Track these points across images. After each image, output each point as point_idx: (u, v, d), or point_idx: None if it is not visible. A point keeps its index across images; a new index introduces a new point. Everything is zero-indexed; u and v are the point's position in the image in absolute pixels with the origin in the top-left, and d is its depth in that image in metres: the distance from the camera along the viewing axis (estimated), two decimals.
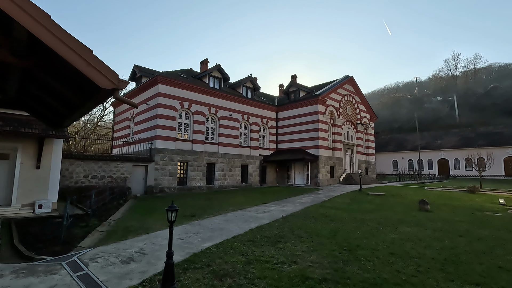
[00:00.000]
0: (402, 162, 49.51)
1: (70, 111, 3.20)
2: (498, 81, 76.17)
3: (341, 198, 15.07)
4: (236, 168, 23.51)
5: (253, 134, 25.46)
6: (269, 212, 10.49)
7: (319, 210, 11.06)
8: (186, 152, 20.19)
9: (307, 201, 13.72)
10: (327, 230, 7.73)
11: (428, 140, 48.34)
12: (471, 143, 43.46)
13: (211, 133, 22.54)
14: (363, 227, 8.27)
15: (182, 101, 20.48)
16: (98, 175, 15.85)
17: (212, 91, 22.43)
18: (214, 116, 22.75)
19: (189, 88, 20.96)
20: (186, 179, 20.21)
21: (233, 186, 22.91)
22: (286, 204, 12.47)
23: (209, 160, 21.59)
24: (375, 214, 10.40)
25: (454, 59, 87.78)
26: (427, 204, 11.79)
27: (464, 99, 73.19)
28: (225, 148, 22.91)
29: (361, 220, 9.30)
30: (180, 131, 20.60)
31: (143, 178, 18.12)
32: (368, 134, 31.19)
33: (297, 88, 27.16)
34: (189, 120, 21.13)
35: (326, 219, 9.35)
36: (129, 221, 8.89)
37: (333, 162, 25.31)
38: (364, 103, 31.02)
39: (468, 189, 19.08)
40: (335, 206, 12.05)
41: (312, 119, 24.47)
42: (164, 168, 18.81)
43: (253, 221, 8.73)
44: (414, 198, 15.81)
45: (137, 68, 23.22)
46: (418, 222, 9.15)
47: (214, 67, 23.43)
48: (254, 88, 26.52)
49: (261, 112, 26.42)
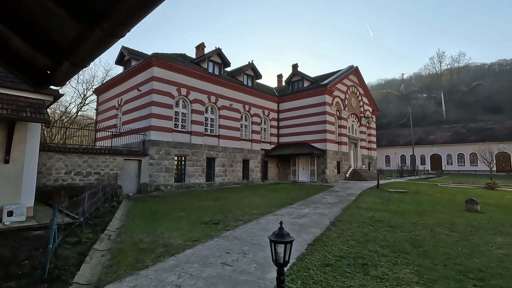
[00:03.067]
0: (395, 157, 49.28)
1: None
2: (479, 80, 78.29)
3: (367, 197, 13.44)
4: (237, 163, 21.43)
5: (254, 126, 23.41)
6: (306, 216, 8.58)
7: (361, 213, 9.29)
8: (184, 145, 17.85)
9: (335, 201, 11.94)
10: (405, 242, 5.94)
11: (421, 136, 48.27)
12: (463, 139, 43.65)
13: (210, 124, 20.27)
14: (441, 236, 6.56)
15: (180, 88, 18.05)
16: (83, 171, 13.29)
17: (212, 78, 20.10)
18: (214, 105, 20.46)
19: (187, 73, 18.54)
20: (184, 175, 17.91)
21: (234, 183, 20.83)
22: (316, 206, 10.61)
23: (209, 154, 19.36)
24: (428, 217, 8.75)
25: (439, 57, 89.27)
26: (477, 204, 10.35)
27: (449, 96, 74.64)
28: (226, 141, 20.74)
29: (423, 225, 7.61)
30: (178, 121, 18.19)
31: (135, 175, 15.66)
32: (370, 128, 30.00)
33: (301, 77, 25.30)
34: (187, 109, 18.74)
35: (382, 225, 7.57)
36: (135, 233, 6.68)
37: (340, 157, 23.79)
38: (368, 95, 29.74)
39: (487, 185, 18.10)
40: (372, 207, 10.34)
41: (319, 111, 22.74)
42: (160, 163, 16.42)
43: (301, 231, 6.78)
44: (442, 196, 14.49)
45: (125, 49, 20.43)
46: (493, 227, 7.57)
47: (213, 51, 21.06)
48: (256, 76, 24.39)
49: (262, 102, 24.38)
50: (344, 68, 27.00)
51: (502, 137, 40.01)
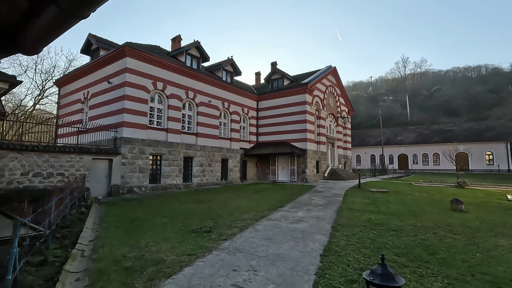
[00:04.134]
0: (365, 157, 51.03)
1: None
2: (438, 85, 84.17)
3: (353, 197, 13.29)
4: (216, 162, 20.48)
5: (233, 124, 22.59)
6: (304, 221, 8.04)
7: (356, 215, 8.97)
8: (160, 143, 16.57)
9: (324, 202, 11.58)
10: (417, 249, 5.60)
11: (389, 136, 50.47)
12: (427, 140, 46.33)
13: (188, 122, 19.11)
14: (447, 239, 6.35)
15: (156, 81, 16.71)
16: (44, 172, 11.64)
17: (191, 72, 18.95)
18: (192, 101, 19.32)
19: (164, 66, 17.23)
20: (159, 176, 16.63)
21: (213, 184, 19.87)
22: (308, 208, 10.14)
23: (187, 153, 18.21)
24: (423, 219, 8.65)
25: (404, 62, 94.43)
26: (462, 204, 10.54)
27: (413, 99, 79.21)
28: (204, 139, 19.70)
29: (423, 228, 7.42)
30: (153, 118, 16.84)
31: (105, 176, 14.16)
32: (346, 128, 30.50)
33: (281, 75, 24.91)
34: (163, 105, 17.43)
35: (384, 228, 7.25)
36: (114, 246, 5.66)
37: (319, 156, 23.78)
38: (344, 96, 30.19)
39: (458, 184, 19.01)
40: (364, 209, 10.10)
41: (299, 110, 22.50)
42: (134, 162, 15.03)
43: (306, 239, 6.20)
44: (421, 195, 14.82)
45: (93, 37, 18.52)
46: (489, 228, 7.58)
47: (192, 44, 19.87)
48: (235, 72, 23.55)
49: (242, 100, 23.61)
50: (323, 68, 27.10)
51: (462, 138, 43.03)
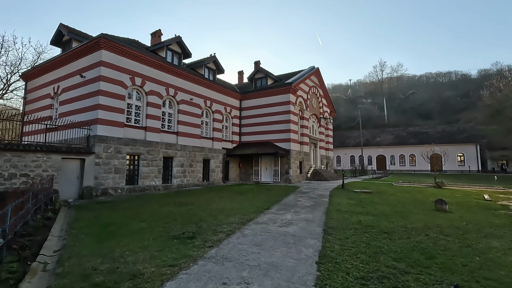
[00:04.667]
0: (345, 157, 51.91)
1: None
2: (413, 89, 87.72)
3: (338, 198, 13.12)
4: (198, 163, 19.74)
5: (216, 123, 21.93)
6: (293, 224, 7.64)
7: (345, 217, 8.71)
8: (138, 142, 15.65)
9: (311, 204, 11.29)
10: (414, 253, 5.36)
11: (368, 138, 51.67)
12: (404, 141, 47.87)
13: (168, 120, 18.25)
14: (440, 242, 6.18)
15: (134, 76, 15.77)
16: (5, 173, 10.50)
17: (171, 68, 18.11)
18: (173, 99, 18.49)
19: (143, 61, 16.32)
20: (137, 176, 15.70)
21: (194, 185, 19.13)
22: (296, 210, 9.77)
23: (166, 153, 17.37)
24: (411, 220, 8.53)
25: (381, 66, 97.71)
26: (445, 204, 10.62)
27: (389, 102, 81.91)
28: (185, 139, 18.91)
29: (414, 230, 7.25)
30: (130, 115, 15.87)
31: (77, 177, 13.09)
32: (328, 129, 30.70)
33: (264, 74, 24.55)
34: (141, 101, 16.50)
35: (376, 231, 7.01)
36: (84, 257, 4.96)
37: (302, 157, 23.65)
38: (326, 97, 30.37)
39: (436, 184, 19.50)
40: (351, 210, 9.89)
41: (283, 110, 22.25)
42: (109, 162, 14.04)
43: (298, 244, 5.80)
44: (403, 195, 14.96)
45: (64, 28, 17.22)
46: (477, 229, 7.56)
47: (173, 39, 19.03)
48: (218, 70, 22.90)
49: (225, 99, 23.01)
50: (306, 69, 27.06)
51: (436, 140, 44.74)
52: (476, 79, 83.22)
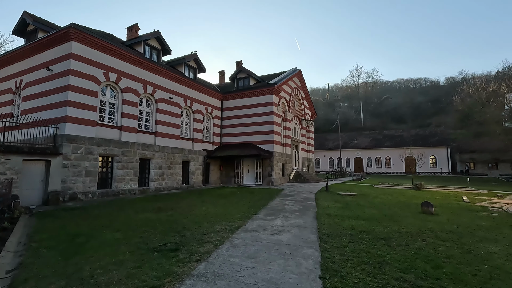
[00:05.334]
0: (324, 159, 52.55)
1: None
2: (387, 94, 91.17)
3: (325, 201, 12.82)
4: (177, 165, 18.77)
5: (196, 124, 21.06)
6: (285, 231, 7.12)
7: (336, 221, 8.33)
8: (112, 142, 14.50)
9: (299, 207, 10.86)
10: (418, 261, 5.03)
11: (346, 140, 52.67)
12: (380, 144, 49.28)
13: (146, 119, 17.18)
14: (440, 248, 5.92)
15: (108, 72, 14.62)
16: None
17: (150, 64, 17.09)
18: (151, 97, 17.45)
19: (119, 55, 15.21)
20: (110, 180, 14.53)
21: (173, 188, 18.14)
22: (285, 215, 9.27)
23: (144, 155, 16.30)
24: (403, 224, 8.31)
25: (357, 71, 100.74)
26: (432, 207, 10.61)
27: (365, 106, 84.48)
28: (164, 139, 17.91)
29: (409, 235, 7.00)
30: (104, 113, 14.68)
31: (41, 180, 11.79)
32: (309, 131, 30.71)
33: (247, 74, 24.02)
34: (116, 99, 15.35)
35: (372, 237, 6.67)
36: (44, 279, 4.13)
37: (284, 159, 23.34)
38: (308, 99, 30.39)
39: (415, 186, 19.90)
40: (341, 214, 9.56)
41: (266, 111, 21.82)
42: (78, 164, 12.82)
43: (295, 254, 5.28)
44: (387, 197, 14.99)
45: (29, 16, 15.67)
46: (470, 232, 7.45)
47: (151, 34, 18.00)
48: (199, 68, 22.06)
49: (205, 98, 22.20)
50: (289, 70, 26.88)
51: (410, 143, 46.41)
52: (444, 86, 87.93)
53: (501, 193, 18.05)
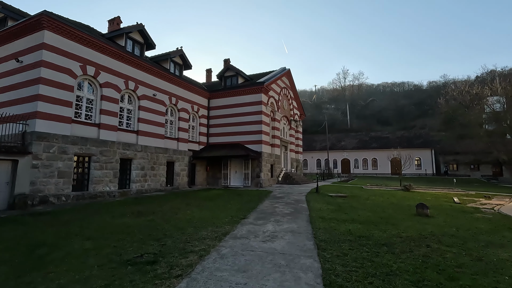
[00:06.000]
0: (311, 161, 52.42)
1: None
2: (372, 96, 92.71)
3: (316, 203, 12.28)
4: (160, 166, 17.81)
5: (181, 123, 20.15)
6: (278, 237, 6.47)
7: (332, 225, 7.77)
8: (89, 141, 13.44)
9: (290, 210, 10.24)
10: (429, 272, 4.50)
11: (333, 142, 52.76)
12: (367, 146, 49.63)
13: (127, 117, 16.16)
14: (447, 255, 5.44)
15: (85, 65, 13.57)
16: None
17: (132, 59, 16.10)
18: (133, 93, 16.45)
19: (98, 47, 14.17)
20: (87, 181, 13.46)
21: (156, 190, 17.16)
22: (276, 219, 8.61)
23: (124, 155, 15.29)
24: (401, 227, 7.87)
25: (344, 73, 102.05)
26: (427, 209, 10.26)
27: (351, 108, 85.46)
28: (147, 138, 16.93)
29: (411, 240, 6.52)
30: (80, 109, 13.61)
31: (6, 182, 10.65)
32: (298, 132, 30.31)
33: (235, 73, 23.30)
34: (95, 94, 14.30)
35: (373, 243, 6.13)
36: None
37: (273, 160, 22.75)
38: (297, 99, 29.98)
39: (404, 187, 19.76)
40: (335, 218, 9.01)
41: (255, 110, 21.18)
42: (51, 164, 11.73)
43: (292, 265, 4.63)
44: (378, 199, 14.67)
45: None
46: (472, 236, 7.06)
47: (134, 27, 17.02)
48: (185, 65, 21.17)
49: (192, 96, 21.32)
50: (277, 69, 26.37)
51: (395, 145, 46.94)
52: (427, 89, 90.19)
53: (488, 194, 18.15)
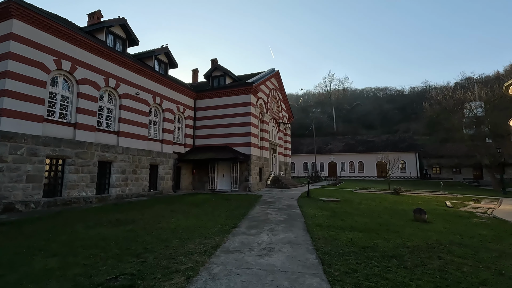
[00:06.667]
0: (299, 164, 52.15)
1: None
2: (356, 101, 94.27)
3: (309, 208, 11.68)
4: (143, 169, 16.74)
5: (166, 124, 19.14)
6: (275, 250, 5.76)
7: (331, 234, 7.15)
8: (64, 142, 12.29)
9: (284, 217, 9.56)
10: None
11: (320, 145, 52.77)
12: (353, 149, 49.91)
13: (107, 117, 15.06)
14: (465, 268, 4.92)
15: (60, 59, 12.45)
16: None
17: (113, 54, 15.05)
18: (114, 91, 15.38)
19: (75, 41, 13.08)
20: (61, 186, 12.28)
21: (138, 195, 16.08)
22: (270, 228, 7.90)
23: (103, 157, 14.17)
24: (403, 235, 7.37)
25: (330, 78, 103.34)
26: (425, 214, 9.86)
27: (337, 112, 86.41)
28: (129, 140, 15.86)
29: (419, 250, 6.00)
30: (54, 107, 12.44)
31: None
32: (286, 135, 29.82)
33: (223, 72, 22.54)
34: (71, 91, 13.16)
35: (380, 255, 5.53)
36: None
37: (262, 163, 22.08)
38: (285, 101, 29.52)
39: (394, 191, 19.56)
40: (332, 225, 8.41)
41: (243, 111, 20.47)
42: (18, 168, 10.54)
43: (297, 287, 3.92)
44: (371, 203, 14.28)
45: None
46: (479, 243, 6.62)
47: (116, 20, 15.97)
48: (170, 64, 20.21)
49: (177, 96, 20.37)
50: (266, 70, 25.81)
51: (381, 148, 47.42)
52: (409, 94, 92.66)
53: (477, 197, 18.22)
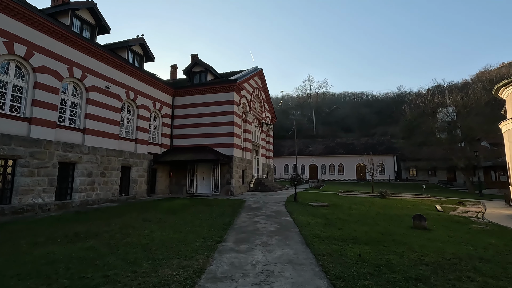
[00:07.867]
0: (280, 166, 51.45)
1: None
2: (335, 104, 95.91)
3: (300, 215, 10.66)
4: (114, 171, 14.99)
5: (141, 122, 17.46)
6: (274, 273, 4.61)
7: (334, 249, 6.11)
8: (15, 139, 10.44)
9: (276, 227, 8.42)
10: None
11: (301, 147, 52.45)
12: (333, 152, 50.04)
13: (71, 112, 13.23)
14: None
15: (12, 42, 10.61)
16: None
17: (79, 41, 13.28)
18: (79, 83, 13.58)
19: (31, 22, 11.25)
20: (10, 191, 10.39)
21: (107, 201, 14.31)
22: (263, 241, 6.72)
23: (65, 157, 12.35)
24: (412, 248, 6.54)
25: (310, 81, 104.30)
26: (425, 220, 9.17)
27: (317, 115, 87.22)
28: (96, 138, 14.09)
29: (439, 267, 5.14)
30: (3, 99, 10.55)
31: None
32: (269, 136, 28.85)
33: (204, 68, 21.14)
34: (25, 81, 11.29)
35: (396, 277, 4.57)
36: None
37: (245, 165, 20.90)
38: (268, 101, 28.58)
39: (381, 194, 19.13)
40: (330, 235, 7.40)
41: (226, 110, 19.21)
42: None
43: None
44: (361, 208, 13.58)
45: None
46: (493, 256, 5.88)
47: (83, 3, 14.20)
48: (146, 57, 18.55)
49: (154, 92, 18.73)
50: (249, 68, 24.73)
51: (361, 151, 47.87)
52: (384, 99, 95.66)
53: (461, 200, 18.19)
